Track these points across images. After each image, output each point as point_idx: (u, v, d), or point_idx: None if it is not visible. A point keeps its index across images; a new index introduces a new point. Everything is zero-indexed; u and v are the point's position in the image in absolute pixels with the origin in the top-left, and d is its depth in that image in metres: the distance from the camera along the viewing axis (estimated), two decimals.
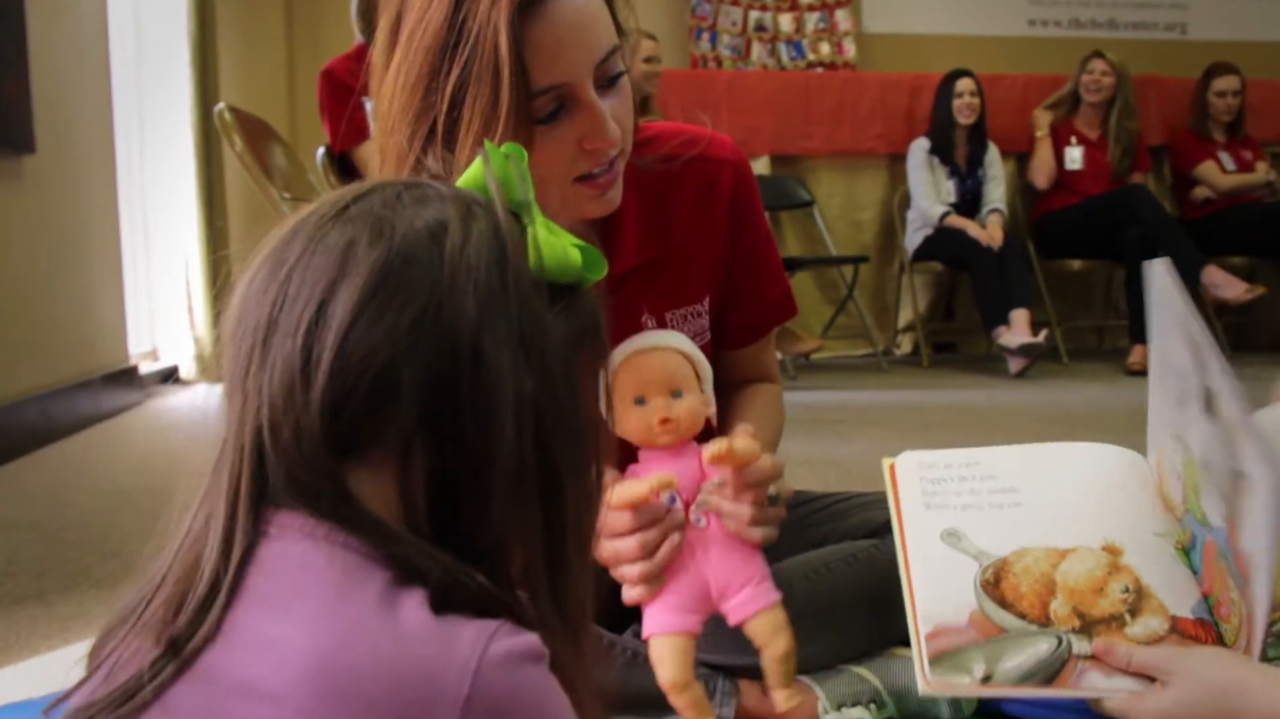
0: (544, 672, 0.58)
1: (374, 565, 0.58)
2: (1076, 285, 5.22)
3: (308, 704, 0.54)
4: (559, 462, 0.62)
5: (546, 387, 0.61)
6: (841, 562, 1.29)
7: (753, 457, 1.10)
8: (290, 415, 0.58)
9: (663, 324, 1.30)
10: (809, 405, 3.73)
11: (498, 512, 0.60)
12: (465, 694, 0.54)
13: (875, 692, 1.25)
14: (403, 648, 0.55)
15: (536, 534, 0.62)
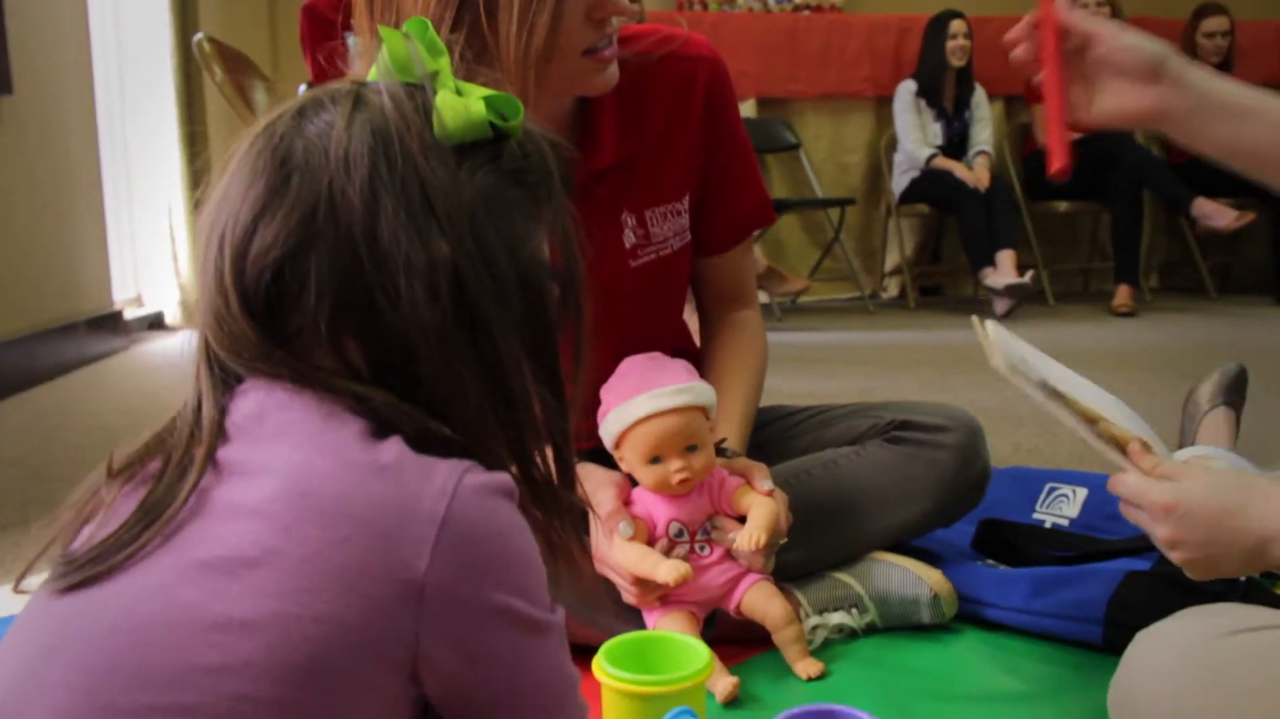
0: (514, 508, 0.62)
1: (350, 414, 0.62)
2: (1063, 228, 5.22)
3: (292, 520, 0.57)
4: (489, 315, 0.64)
5: (463, 246, 0.63)
6: (821, 467, 1.29)
7: (778, 534, 1.16)
8: (226, 321, 0.63)
9: (642, 222, 1.30)
10: (795, 345, 3.73)
11: (434, 375, 0.63)
12: (441, 515, 0.58)
13: (857, 597, 1.27)
14: (384, 474, 0.59)
15: (482, 389, 0.64)
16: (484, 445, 0.64)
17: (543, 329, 0.68)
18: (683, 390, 1.15)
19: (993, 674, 1.19)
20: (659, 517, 1.17)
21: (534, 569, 0.63)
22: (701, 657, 1.01)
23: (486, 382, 0.65)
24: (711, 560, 1.19)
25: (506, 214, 0.67)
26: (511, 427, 0.66)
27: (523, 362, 0.66)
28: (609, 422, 1.17)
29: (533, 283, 0.67)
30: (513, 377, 0.65)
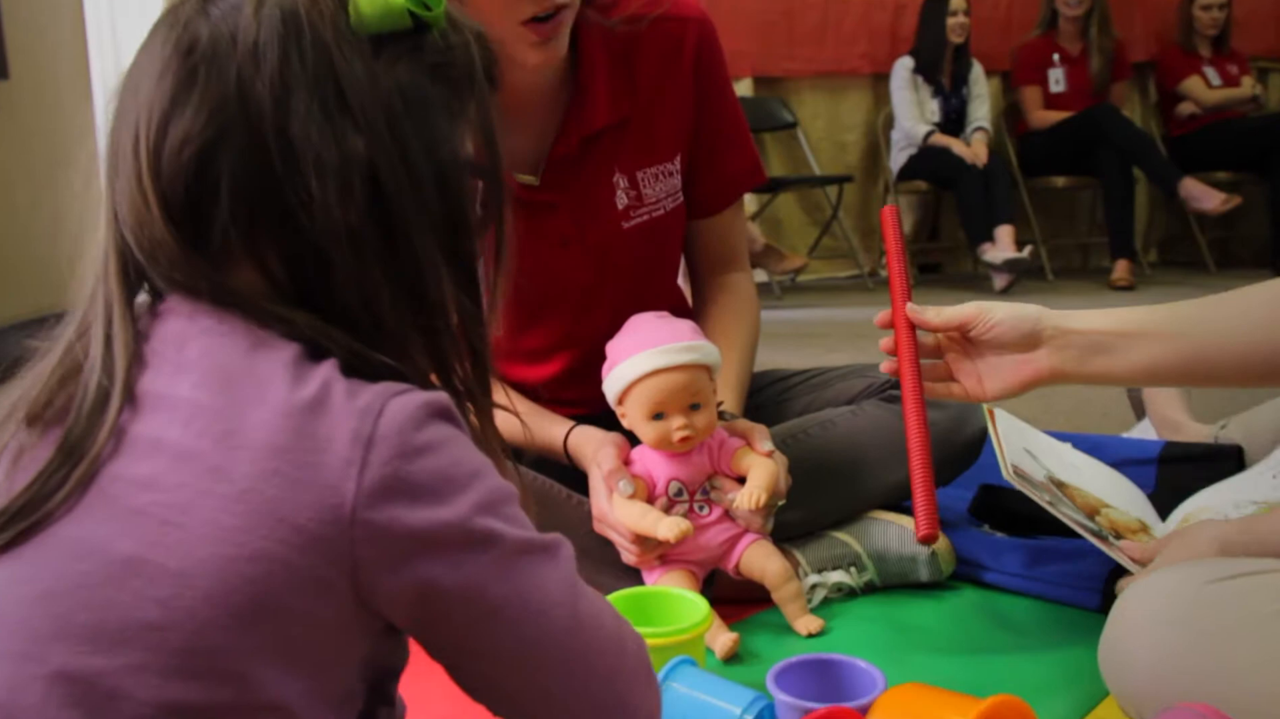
0: (451, 427, 0.59)
1: (280, 339, 0.59)
2: (1061, 204, 5.21)
3: (221, 459, 0.55)
4: (406, 216, 0.61)
5: (379, 143, 0.60)
6: (818, 427, 1.30)
7: (777, 495, 1.17)
8: (146, 223, 0.60)
9: (634, 184, 1.30)
10: (795, 322, 3.74)
11: (350, 283, 0.60)
12: (367, 434, 0.56)
13: (855, 555, 1.27)
14: (311, 402, 0.57)
15: (398, 295, 0.62)
16: (406, 358, 0.62)
17: (461, 231, 0.65)
18: (690, 348, 1.16)
19: (989, 629, 1.20)
20: (659, 476, 1.18)
21: (485, 484, 0.59)
22: (700, 609, 1.02)
23: (403, 286, 0.62)
24: (710, 520, 1.20)
25: (426, 110, 0.63)
26: (429, 334, 0.64)
27: (440, 265, 0.63)
28: (614, 376, 1.17)
29: (452, 182, 0.64)
30: (430, 281, 0.63)
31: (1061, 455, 1.41)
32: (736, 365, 1.33)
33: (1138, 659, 0.88)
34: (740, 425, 1.22)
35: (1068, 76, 4.82)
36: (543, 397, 1.34)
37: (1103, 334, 1.02)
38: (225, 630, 0.54)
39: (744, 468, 1.18)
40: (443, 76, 0.64)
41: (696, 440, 1.17)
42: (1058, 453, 1.41)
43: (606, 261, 1.32)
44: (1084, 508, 1.27)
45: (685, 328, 1.18)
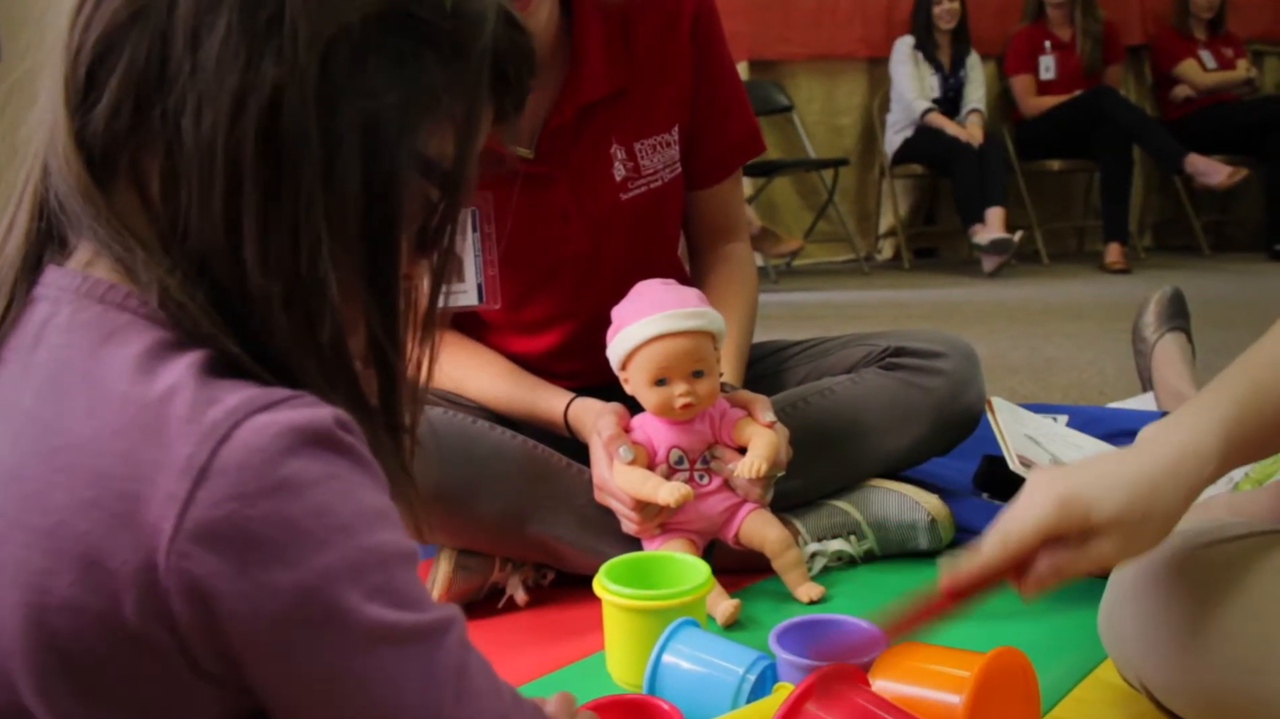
0: (335, 463, 0.48)
1: (146, 324, 0.51)
2: (1056, 188, 5.21)
3: (41, 484, 0.47)
4: (299, 159, 0.51)
5: (298, 83, 0.50)
6: (818, 395, 1.30)
7: (777, 465, 1.16)
8: (59, 133, 0.53)
9: (632, 155, 1.30)
10: (791, 304, 3.74)
11: (219, 224, 0.50)
12: (201, 464, 0.45)
13: (855, 523, 1.28)
14: (147, 410, 0.47)
15: (274, 263, 0.51)
16: (292, 361, 0.52)
17: (380, 229, 0.54)
18: (695, 314, 1.15)
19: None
20: (659, 443, 1.18)
21: (355, 544, 0.47)
22: (701, 572, 1.02)
23: (278, 256, 0.51)
24: (710, 489, 1.20)
25: (387, 69, 0.53)
26: (303, 321, 0.52)
27: (323, 245, 0.51)
28: (619, 340, 1.17)
29: (383, 169, 0.53)
30: (308, 258, 0.51)
31: (1065, 438, 1.42)
32: (736, 336, 1.33)
33: (1128, 623, 0.88)
34: (742, 396, 1.22)
35: (1058, 63, 4.83)
36: (543, 369, 1.34)
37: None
38: (43, 694, 0.47)
39: (745, 438, 1.18)
40: (428, 39, 0.54)
41: (698, 408, 1.17)
42: (1061, 435, 1.41)
43: (605, 234, 1.32)
44: None
45: (691, 295, 1.18)
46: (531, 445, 1.22)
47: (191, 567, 0.45)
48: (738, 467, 1.15)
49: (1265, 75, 5.36)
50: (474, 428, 1.20)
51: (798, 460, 1.22)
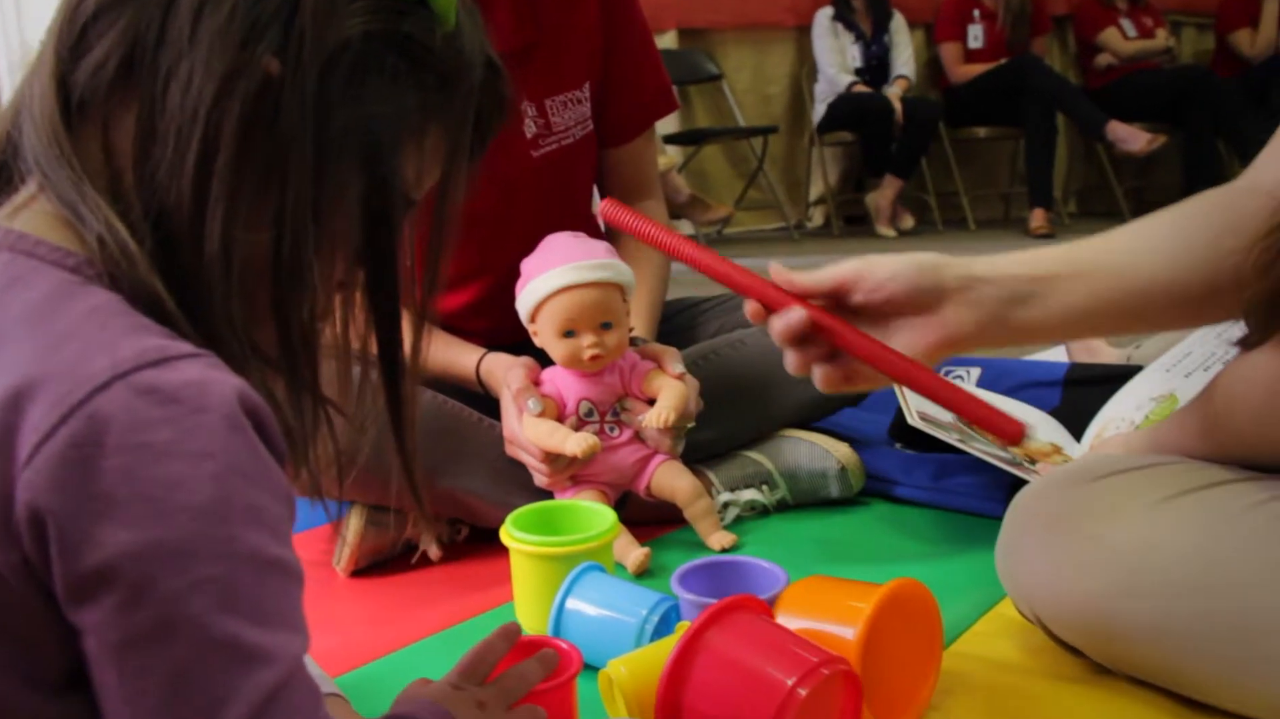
0: (217, 438, 0.46)
1: (53, 269, 0.50)
2: (983, 155, 5.27)
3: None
4: (288, 154, 0.53)
5: (295, 75, 0.52)
6: (729, 346, 1.31)
7: (686, 416, 1.16)
8: (42, 74, 0.54)
9: (543, 111, 1.29)
10: (729, 292, 3.74)
11: (193, 178, 0.51)
12: (74, 403, 0.45)
13: (767, 473, 1.29)
14: (40, 345, 0.47)
15: (254, 230, 0.52)
16: (226, 330, 0.52)
17: (379, 236, 0.57)
18: (603, 266, 1.15)
19: (897, 540, 1.23)
20: (569, 395, 1.18)
21: (196, 529, 0.45)
22: (607, 519, 1.02)
23: (239, 229, 0.52)
24: (621, 441, 1.20)
25: (384, 86, 0.55)
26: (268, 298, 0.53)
27: (308, 233, 0.53)
28: (528, 291, 1.16)
29: (380, 177, 0.56)
30: (288, 243, 0.53)
31: (971, 394, 1.44)
32: (649, 291, 1.33)
33: (1019, 557, 0.90)
34: (652, 349, 1.23)
35: (986, 32, 4.88)
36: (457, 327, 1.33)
37: (1019, 280, 0.82)
38: None
39: (654, 390, 1.19)
40: (423, 69, 0.57)
41: (607, 360, 1.17)
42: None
43: (515, 191, 1.31)
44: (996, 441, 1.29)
45: (600, 247, 1.18)
46: (441, 400, 1.22)
47: (35, 496, 0.44)
48: (646, 417, 1.16)
49: (1183, 45, 5.48)
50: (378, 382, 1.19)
51: (710, 411, 1.23)
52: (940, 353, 0.82)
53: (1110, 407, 1.33)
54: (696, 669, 0.76)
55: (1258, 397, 0.78)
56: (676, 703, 0.76)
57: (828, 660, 0.74)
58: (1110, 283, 0.82)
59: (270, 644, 0.46)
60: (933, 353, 0.81)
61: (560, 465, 1.15)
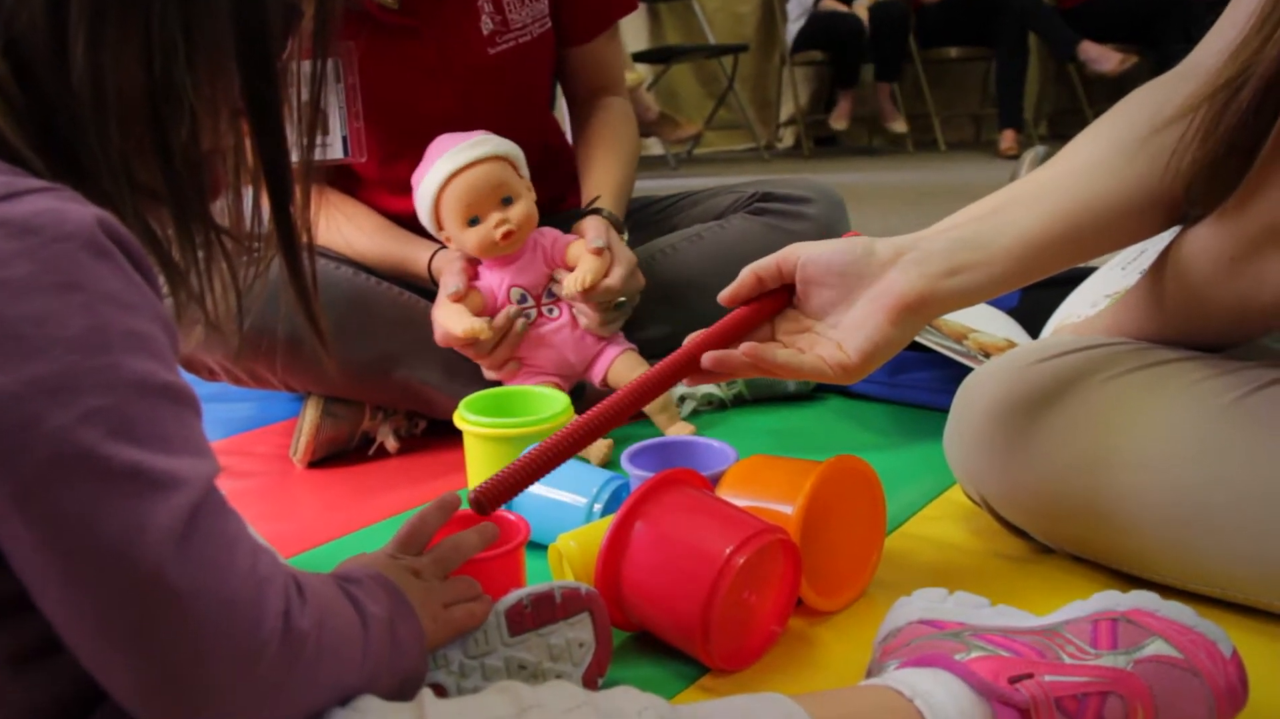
0: (79, 266, 0.44)
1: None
2: (955, 75, 5.24)
3: None
4: None
5: None
6: (686, 241, 1.30)
7: (606, 289, 1.14)
8: None
9: (499, 8, 1.27)
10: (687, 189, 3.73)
11: (40, 5, 0.47)
12: None
13: None
14: None
15: (122, 53, 0.49)
16: (101, 160, 0.49)
17: (252, 48, 0.52)
18: (479, 142, 1.14)
19: (851, 431, 1.24)
20: (499, 286, 1.17)
21: (74, 359, 0.43)
22: (559, 402, 1.02)
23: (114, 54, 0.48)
24: (563, 322, 1.19)
25: None
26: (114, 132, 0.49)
27: (179, 52, 0.49)
28: (420, 196, 1.15)
29: None
30: (163, 63, 0.49)
31: None
32: (615, 169, 1.30)
33: (966, 440, 0.91)
34: (583, 224, 1.21)
35: None
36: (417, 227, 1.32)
37: (961, 225, 0.79)
38: None
39: (573, 260, 1.18)
40: None
41: (520, 235, 1.15)
42: None
43: (473, 89, 1.29)
44: (951, 334, 1.30)
45: (476, 132, 1.16)
46: (397, 292, 1.21)
47: None
48: (565, 283, 1.14)
49: None
50: (336, 273, 1.18)
51: (666, 307, 1.22)
52: (896, 322, 0.76)
53: (1066, 305, 1.34)
54: (634, 541, 0.76)
55: (1203, 270, 0.79)
56: (616, 575, 0.76)
57: (765, 530, 0.75)
58: (1058, 201, 0.78)
59: (175, 468, 0.44)
60: (890, 323, 0.76)
61: (483, 350, 1.14)
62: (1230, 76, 0.69)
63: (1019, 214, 0.78)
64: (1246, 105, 0.68)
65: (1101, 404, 0.83)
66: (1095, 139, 0.83)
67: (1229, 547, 0.76)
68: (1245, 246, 0.74)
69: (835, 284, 0.78)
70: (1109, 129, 0.83)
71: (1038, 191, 0.80)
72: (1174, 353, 0.84)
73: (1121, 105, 0.85)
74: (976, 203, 0.82)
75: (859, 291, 0.78)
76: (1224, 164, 0.72)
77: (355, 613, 0.54)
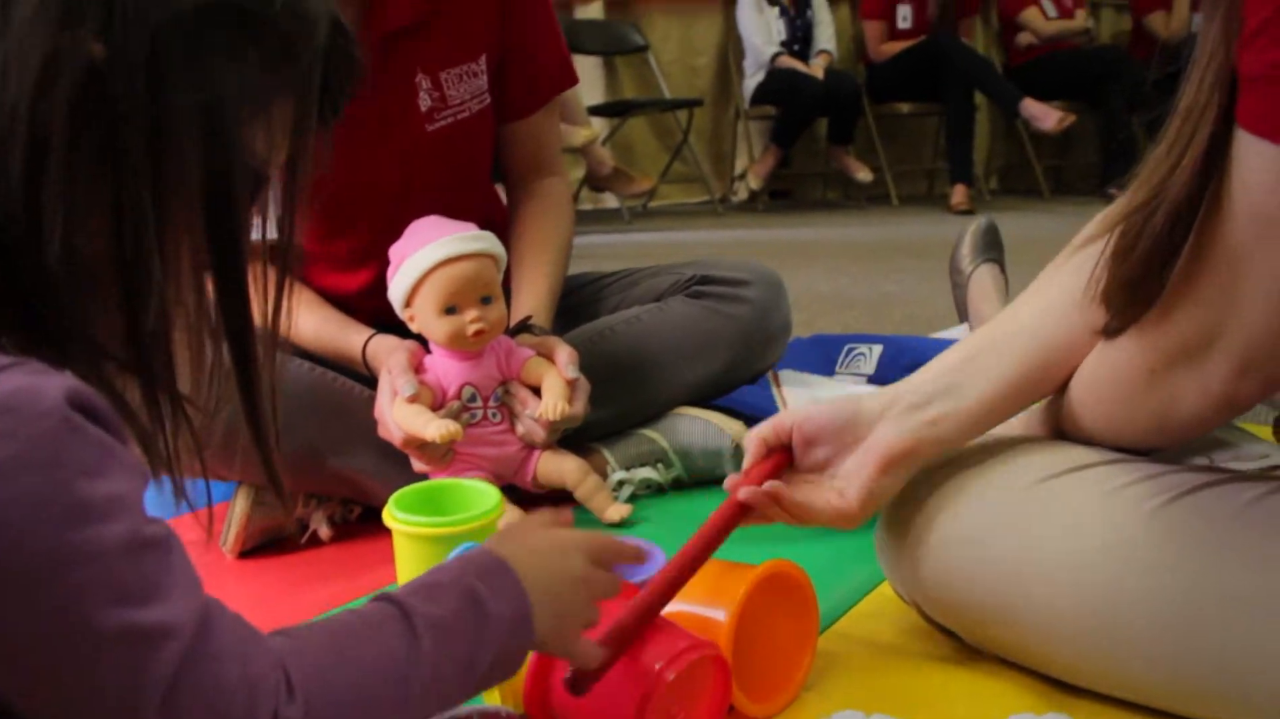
0: (50, 442, 0.45)
1: None
2: (907, 131, 5.33)
3: None
4: (124, 141, 0.50)
5: (123, 54, 0.49)
6: (624, 324, 1.31)
7: (571, 418, 1.15)
8: None
9: (437, 85, 1.27)
10: (642, 246, 3.74)
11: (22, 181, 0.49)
12: None
13: (662, 451, 1.29)
14: None
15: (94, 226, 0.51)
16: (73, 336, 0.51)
17: (222, 215, 0.54)
18: (477, 237, 1.14)
19: None
20: (451, 381, 1.16)
21: (63, 539, 0.45)
22: (491, 498, 1.01)
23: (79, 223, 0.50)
24: (505, 427, 1.19)
25: (220, 62, 0.53)
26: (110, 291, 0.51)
27: (149, 226, 0.51)
28: (404, 272, 1.14)
29: (222, 156, 0.54)
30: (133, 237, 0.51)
31: None
32: (546, 277, 1.31)
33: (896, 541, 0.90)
34: (549, 343, 1.20)
35: (914, 13, 4.92)
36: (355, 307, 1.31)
37: (938, 376, 0.86)
38: None
39: (536, 377, 1.17)
40: (261, 41, 0.54)
41: (490, 336, 1.15)
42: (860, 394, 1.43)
43: (412, 165, 1.29)
44: None
45: (469, 223, 1.16)
46: (331, 378, 1.20)
47: None
48: (538, 409, 1.14)
49: (1102, 26, 5.57)
50: None
51: (606, 390, 1.22)
52: (892, 469, 0.84)
53: None
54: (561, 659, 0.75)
55: (1123, 382, 0.80)
56: (544, 691, 0.76)
57: (695, 645, 0.74)
58: (1025, 348, 0.85)
59: (166, 617, 0.47)
60: (884, 472, 0.84)
61: (431, 452, 1.14)
62: (1143, 201, 0.71)
63: (990, 362, 0.85)
64: (1160, 230, 0.70)
65: (1024, 510, 0.83)
66: (1051, 280, 0.88)
67: (1147, 656, 0.77)
68: (1162, 361, 0.76)
69: (830, 441, 0.87)
70: (1066, 273, 0.86)
71: (1006, 340, 0.87)
72: (1098, 455, 0.85)
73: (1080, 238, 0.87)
74: (952, 349, 0.89)
75: (853, 446, 0.86)
76: (1141, 284, 0.73)
77: (401, 639, 0.56)
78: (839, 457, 0.87)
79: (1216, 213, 0.68)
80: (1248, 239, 0.66)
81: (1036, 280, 0.90)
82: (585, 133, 3.72)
